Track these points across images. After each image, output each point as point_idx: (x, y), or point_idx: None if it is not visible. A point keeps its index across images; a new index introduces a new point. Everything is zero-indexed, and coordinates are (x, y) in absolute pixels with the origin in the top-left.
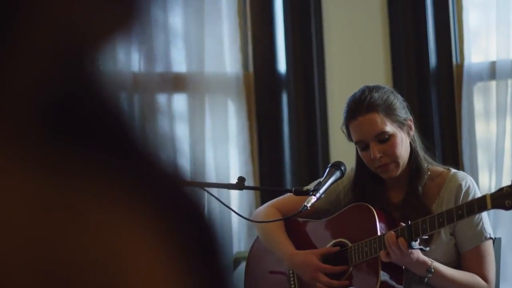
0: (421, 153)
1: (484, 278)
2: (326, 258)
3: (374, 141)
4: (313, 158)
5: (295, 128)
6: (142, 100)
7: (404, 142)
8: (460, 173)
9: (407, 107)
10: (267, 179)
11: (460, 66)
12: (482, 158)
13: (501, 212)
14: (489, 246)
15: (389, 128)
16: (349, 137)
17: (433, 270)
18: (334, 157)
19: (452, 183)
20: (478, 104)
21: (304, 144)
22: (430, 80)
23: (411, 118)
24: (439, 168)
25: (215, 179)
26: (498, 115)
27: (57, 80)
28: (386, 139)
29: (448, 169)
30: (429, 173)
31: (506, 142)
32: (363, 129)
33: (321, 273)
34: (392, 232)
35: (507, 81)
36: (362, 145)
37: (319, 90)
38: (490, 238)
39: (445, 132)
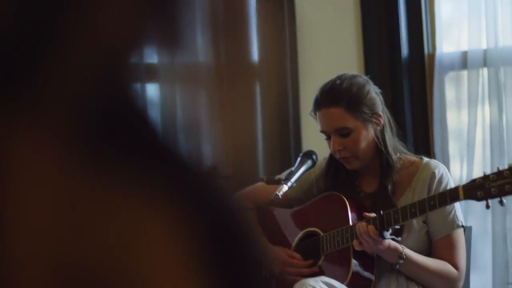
0: (391, 148)
1: (455, 265)
2: (299, 247)
3: (335, 134)
4: (285, 148)
5: (268, 117)
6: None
7: (367, 138)
8: (433, 162)
9: (381, 100)
10: (240, 169)
11: (432, 56)
12: (453, 148)
13: (473, 201)
14: (460, 234)
15: (351, 123)
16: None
17: (404, 256)
18: (306, 147)
19: (425, 172)
20: (449, 93)
21: (276, 133)
22: (402, 69)
23: (380, 113)
24: (412, 157)
25: None
26: (469, 104)
27: (100, 90)
28: (347, 134)
29: (421, 158)
30: (401, 162)
31: (478, 131)
32: (325, 121)
33: (290, 267)
34: (363, 222)
35: (478, 70)
36: (326, 135)
37: (292, 80)
38: (462, 226)
39: (416, 122)
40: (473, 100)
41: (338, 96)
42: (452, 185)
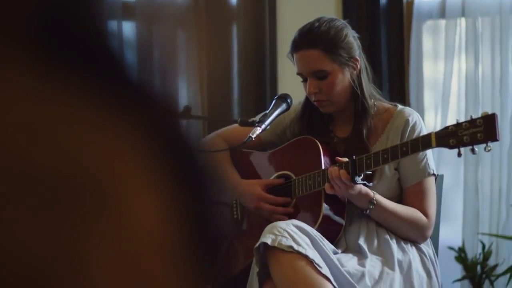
0: (367, 93)
1: (425, 213)
2: (270, 190)
3: (312, 77)
4: (261, 90)
5: (244, 59)
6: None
7: (342, 82)
8: (407, 109)
9: (359, 45)
10: (215, 110)
11: (410, 3)
12: (428, 97)
13: (445, 150)
14: (431, 182)
15: (328, 66)
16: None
17: (375, 202)
18: (281, 90)
19: (398, 119)
20: (427, 43)
21: (252, 75)
22: (380, 16)
23: (357, 58)
24: (386, 104)
25: None
26: (446, 54)
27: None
28: (324, 77)
29: (395, 105)
30: (375, 108)
31: (453, 82)
32: (302, 63)
33: (265, 202)
34: (336, 166)
35: (456, 20)
36: (302, 78)
37: (269, 22)
38: (433, 174)
39: (393, 70)
40: (450, 50)
41: (316, 39)
42: (425, 133)
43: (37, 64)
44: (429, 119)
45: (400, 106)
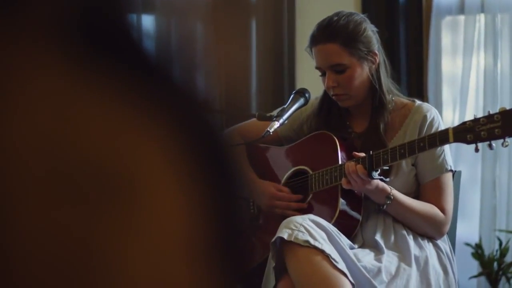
0: (385, 87)
1: (442, 209)
2: (287, 185)
3: (330, 71)
4: (279, 85)
5: (262, 53)
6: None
7: (361, 76)
8: (425, 105)
9: (377, 39)
10: (233, 104)
11: None
12: (447, 93)
13: (463, 147)
14: (448, 178)
15: (347, 60)
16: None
17: (392, 197)
18: (300, 84)
19: (417, 114)
20: (445, 39)
21: (271, 70)
22: (399, 11)
23: (376, 52)
24: (404, 99)
25: None
26: (465, 50)
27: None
28: (342, 71)
29: (413, 101)
30: (393, 104)
31: (471, 78)
32: (321, 57)
33: (278, 200)
34: (352, 161)
35: (475, 16)
36: (321, 72)
37: (288, 17)
38: (451, 170)
39: (411, 66)
40: (469, 46)
41: (334, 32)
42: (442, 128)
43: (71, 58)
44: (447, 115)
45: (418, 102)
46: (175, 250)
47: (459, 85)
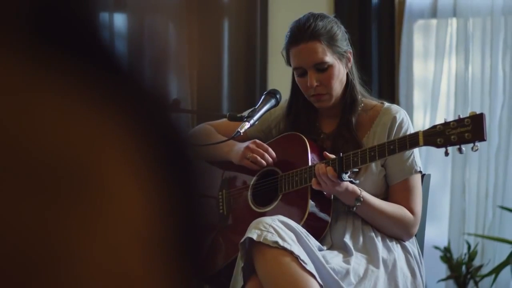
0: (358, 86)
1: (411, 210)
2: (257, 187)
3: (312, 69)
4: (251, 85)
5: (235, 54)
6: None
7: (341, 74)
8: (394, 106)
9: (349, 39)
10: (204, 104)
11: (402, 2)
12: (418, 97)
13: (434, 150)
14: (417, 179)
15: (329, 58)
16: (288, 62)
17: (362, 199)
18: (271, 85)
19: (386, 116)
20: (417, 42)
21: (243, 71)
22: (372, 14)
23: (351, 50)
24: (373, 101)
25: None
26: (436, 54)
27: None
28: (325, 69)
29: (382, 103)
30: (362, 105)
31: (443, 82)
32: (303, 56)
33: (257, 147)
34: (322, 163)
35: (447, 20)
36: (300, 72)
37: (261, 18)
38: (420, 172)
39: (383, 69)
40: (441, 50)
41: (317, 31)
42: (412, 131)
43: (30, 55)
44: (418, 118)
45: (387, 104)
46: (132, 245)
47: (430, 88)
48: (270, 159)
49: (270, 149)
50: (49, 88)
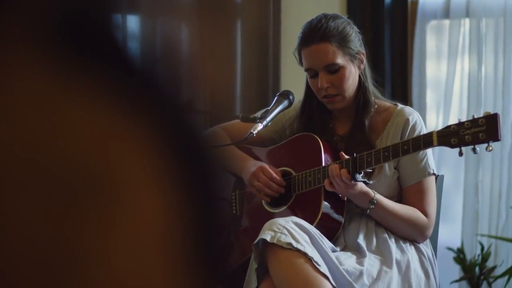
0: (370, 87)
1: (425, 212)
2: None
3: (324, 71)
4: (264, 86)
5: (247, 55)
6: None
7: (353, 75)
8: (407, 108)
9: (362, 40)
10: (217, 105)
11: (415, 3)
12: (431, 97)
13: (446, 151)
14: (431, 181)
15: (340, 60)
16: (300, 62)
17: (375, 201)
18: (284, 86)
19: (398, 118)
20: (430, 42)
21: (255, 71)
22: (384, 15)
23: (363, 51)
24: (386, 103)
25: None
26: (449, 54)
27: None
28: (336, 71)
29: (395, 104)
30: (376, 106)
31: (456, 82)
32: (314, 57)
33: (263, 174)
34: (336, 164)
35: (460, 21)
36: (312, 73)
37: (274, 18)
38: (433, 174)
39: (396, 69)
40: (453, 50)
41: (328, 33)
42: (425, 132)
43: (55, 60)
44: (431, 119)
45: (400, 105)
46: (153, 249)
47: (443, 89)
48: (274, 185)
49: (274, 175)
50: (67, 92)
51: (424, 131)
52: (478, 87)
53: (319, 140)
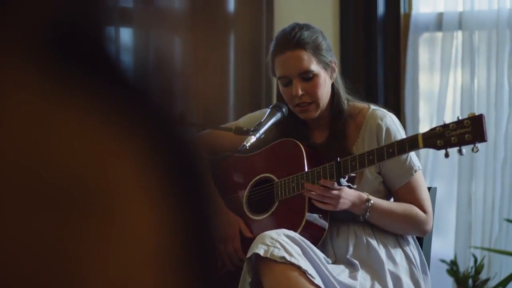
0: (343, 95)
1: (422, 209)
2: (252, 194)
3: (298, 78)
4: (256, 99)
5: (240, 67)
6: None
7: (327, 84)
8: (379, 111)
9: (332, 50)
10: (210, 117)
11: (408, 15)
12: (423, 110)
13: (440, 163)
14: (419, 177)
15: (315, 67)
16: (273, 72)
17: (371, 202)
18: (277, 99)
19: (371, 121)
20: (423, 55)
21: (248, 83)
22: (377, 27)
23: (335, 61)
24: (359, 104)
25: None
26: (442, 67)
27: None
28: (310, 78)
29: (368, 105)
30: (348, 107)
31: (448, 95)
32: (289, 64)
33: (231, 244)
34: (319, 168)
35: (453, 33)
36: (285, 81)
37: (267, 32)
38: (419, 169)
39: (388, 81)
40: (446, 62)
41: (302, 40)
42: (401, 135)
43: (48, 73)
44: (424, 131)
45: (372, 107)
46: (145, 261)
47: (436, 101)
48: (236, 260)
49: (240, 250)
50: (60, 105)
51: (400, 132)
52: (471, 99)
53: (301, 145)
